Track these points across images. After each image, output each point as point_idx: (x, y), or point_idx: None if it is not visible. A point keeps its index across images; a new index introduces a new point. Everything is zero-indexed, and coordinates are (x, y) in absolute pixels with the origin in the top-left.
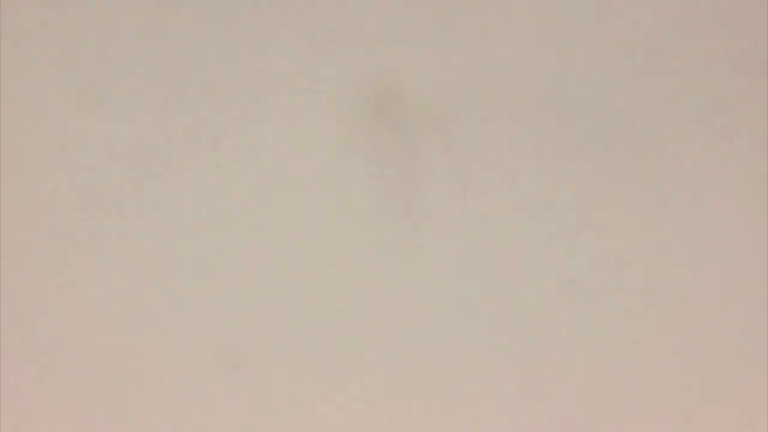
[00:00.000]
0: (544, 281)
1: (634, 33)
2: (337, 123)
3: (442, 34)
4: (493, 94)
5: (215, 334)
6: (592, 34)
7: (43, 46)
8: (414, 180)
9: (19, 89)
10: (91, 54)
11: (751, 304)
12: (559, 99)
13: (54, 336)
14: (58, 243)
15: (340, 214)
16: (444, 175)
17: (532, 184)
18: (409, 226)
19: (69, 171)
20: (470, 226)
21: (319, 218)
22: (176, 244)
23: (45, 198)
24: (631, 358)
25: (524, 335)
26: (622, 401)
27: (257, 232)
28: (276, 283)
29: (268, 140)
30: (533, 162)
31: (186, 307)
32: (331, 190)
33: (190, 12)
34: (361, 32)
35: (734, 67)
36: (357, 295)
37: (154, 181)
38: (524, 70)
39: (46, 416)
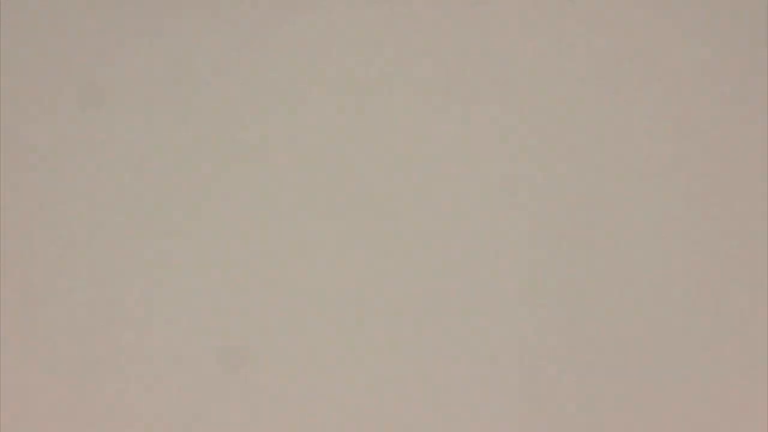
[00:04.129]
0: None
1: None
2: (336, 121)
3: None
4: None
5: (215, 334)
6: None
7: (43, 46)
8: None
9: (19, 89)
10: (91, 54)
11: (752, 304)
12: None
13: (54, 336)
14: (58, 242)
15: (341, 212)
16: None
17: None
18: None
19: (69, 171)
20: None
21: (318, 218)
22: (177, 244)
23: (45, 197)
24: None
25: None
26: (623, 401)
27: (258, 233)
28: (276, 284)
29: (268, 140)
30: None
31: (187, 308)
32: (332, 188)
33: (190, 13)
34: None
35: (734, 67)
36: (357, 296)
37: (154, 181)
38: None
39: (46, 416)
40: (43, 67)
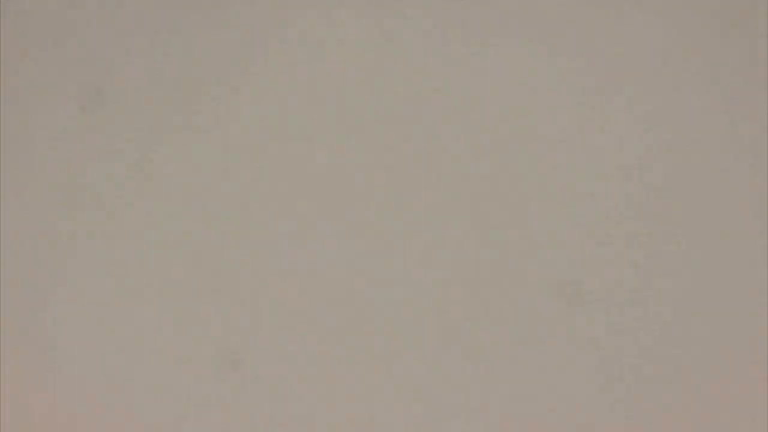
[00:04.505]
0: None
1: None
2: (335, 123)
3: None
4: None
5: (215, 334)
6: None
7: (43, 46)
8: None
9: (19, 89)
10: (91, 54)
11: (752, 304)
12: None
13: (54, 336)
14: (58, 242)
15: (340, 213)
16: None
17: None
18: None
19: (69, 171)
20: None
21: (318, 218)
22: (176, 244)
23: (45, 197)
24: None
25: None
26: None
27: (258, 233)
28: (276, 284)
29: (268, 140)
30: None
31: (186, 308)
32: (330, 189)
33: (189, 12)
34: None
35: (734, 67)
36: (357, 296)
37: (154, 181)
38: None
39: (46, 416)
40: (43, 68)
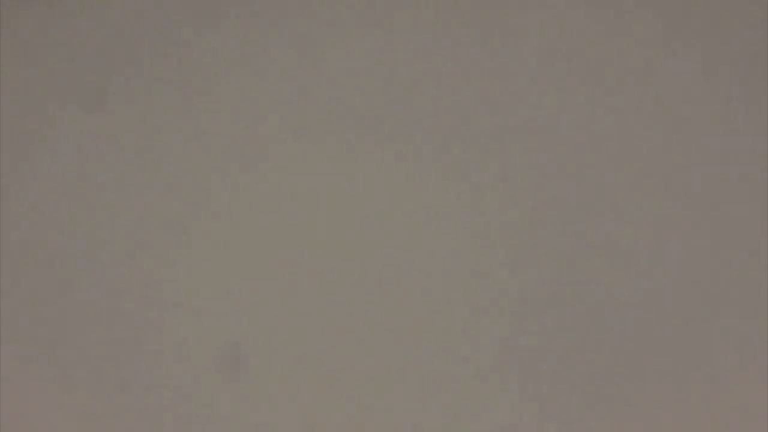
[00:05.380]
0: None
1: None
2: (337, 126)
3: None
4: None
5: (215, 334)
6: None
7: (43, 46)
8: None
9: (19, 89)
10: (91, 54)
11: (751, 304)
12: None
13: (54, 337)
14: (57, 243)
15: (341, 214)
16: None
17: None
18: (411, 229)
19: (69, 171)
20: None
21: (319, 219)
22: (176, 244)
23: (45, 198)
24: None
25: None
26: (621, 402)
27: (257, 232)
28: (276, 283)
29: (269, 140)
30: None
31: (186, 308)
32: (331, 189)
33: (190, 12)
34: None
35: (734, 67)
36: (357, 297)
37: (153, 181)
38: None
39: (45, 416)
40: (44, 68)
